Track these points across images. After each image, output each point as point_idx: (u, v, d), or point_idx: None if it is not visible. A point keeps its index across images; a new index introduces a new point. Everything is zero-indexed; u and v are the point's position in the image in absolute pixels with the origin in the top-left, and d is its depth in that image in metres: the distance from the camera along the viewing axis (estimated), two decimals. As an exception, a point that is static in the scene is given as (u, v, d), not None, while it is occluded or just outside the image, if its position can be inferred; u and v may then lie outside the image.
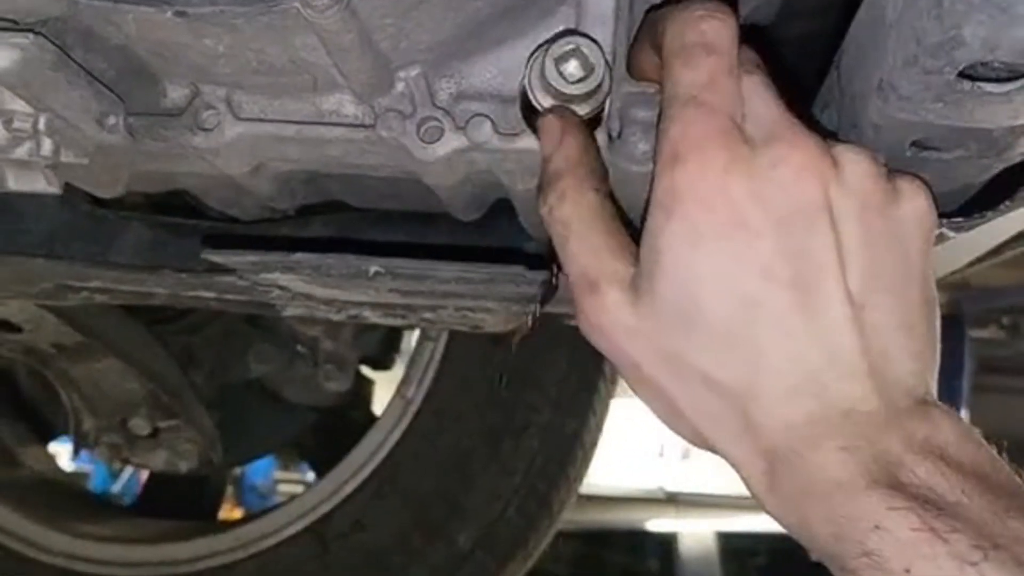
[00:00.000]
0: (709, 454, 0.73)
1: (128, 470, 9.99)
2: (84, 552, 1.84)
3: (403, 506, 1.75)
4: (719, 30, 0.68)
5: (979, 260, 1.39)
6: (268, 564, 1.79)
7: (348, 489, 1.78)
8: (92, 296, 1.32)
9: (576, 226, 0.73)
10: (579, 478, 1.82)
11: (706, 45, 0.68)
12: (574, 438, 1.76)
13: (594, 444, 1.83)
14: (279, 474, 12.91)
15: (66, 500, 2.10)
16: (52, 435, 2.17)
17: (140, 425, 1.81)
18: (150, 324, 1.81)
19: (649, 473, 13.52)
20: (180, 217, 1.22)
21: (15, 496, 1.91)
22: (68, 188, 1.19)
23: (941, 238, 0.81)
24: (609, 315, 0.69)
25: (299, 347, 1.93)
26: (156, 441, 1.85)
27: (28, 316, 1.51)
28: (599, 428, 1.84)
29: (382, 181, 1.02)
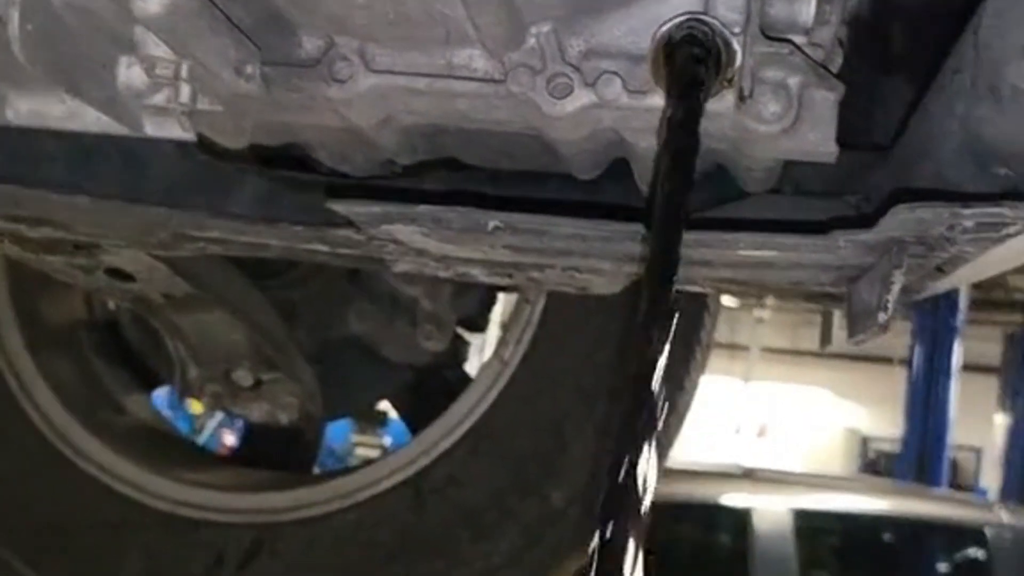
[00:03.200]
0: (784, 433, 0.70)
1: (211, 426, 10.21)
2: (187, 497, 1.90)
3: (498, 464, 1.77)
4: None
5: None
6: (365, 515, 1.82)
7: (444, 446, 1.80)
8: (207, 246, 1.35)
9: None
10: (671, 442, 1.83)
11: None
12: (669, 402, 1.77)
13: (687, 409, 1.84)
14: (356, 438, 13.15)
15: (168, 447, 2.16)
16: (154, 384, 2.23)
17: (243, 376, 1.86)
18: (255, 279, 1.85)
19: (725, 450, 13.44)
20: (291, 171, 1.24)
21: (122, 443, 1.97)
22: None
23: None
24: None
25: (398, 306, 1.95)
26: (258, 393, 1.89)
27: (141, 266, 1.55)
28: (692, 394, 1.84)
29: (499, 138, 1.03)
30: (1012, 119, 0.78)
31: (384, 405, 2.29)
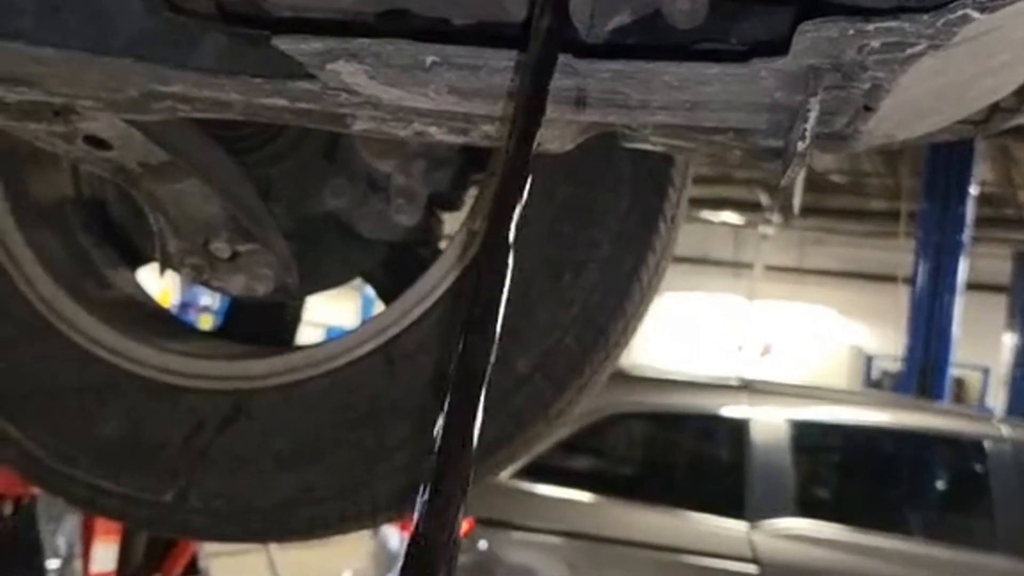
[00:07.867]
0: (788, 351, 0.68)
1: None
2: (170, 365, 1.97)
3: (466, 332, 1.82)
4: None
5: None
6: (339, 380, 1.88)
7: (415, 315, 1.86)
8: (175, 105, 1.40)
9: None
10: (637, 314, 1.87)
11: None
12: (633, 274, 1.82)
13: (652, 283, 1.88)
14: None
15: (153, 320, 2.23)
16: (139, 262, 2.29)
17: (221, 248, 1.92)
18: (232, 155, 1.90)
19: (729, 368, 13.52)
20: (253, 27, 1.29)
21: (108, 314, 2.04)
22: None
23: (965, 19, 0.83)
24: None
25: (373, 183, 2.00)
26: (236, 265, 1.95)
27: (117, 132, 1.60)
28: (659, 267, 1.88)
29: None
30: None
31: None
